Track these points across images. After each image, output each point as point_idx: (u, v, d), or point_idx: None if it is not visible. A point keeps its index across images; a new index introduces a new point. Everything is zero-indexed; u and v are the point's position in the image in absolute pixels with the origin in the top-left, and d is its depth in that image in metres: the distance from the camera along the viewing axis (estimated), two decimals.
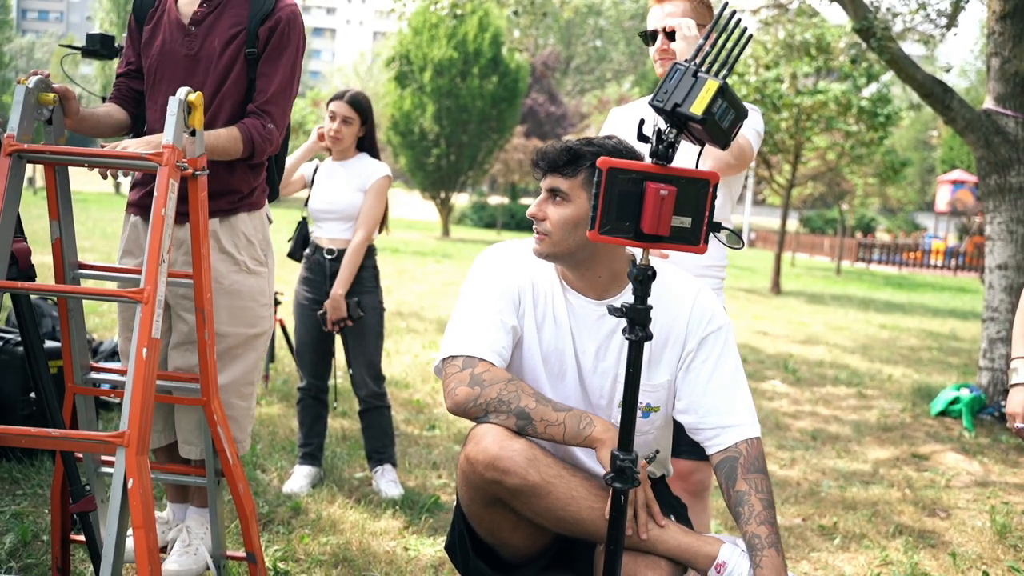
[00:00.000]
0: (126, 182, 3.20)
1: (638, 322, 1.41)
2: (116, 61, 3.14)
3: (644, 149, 1.56)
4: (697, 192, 1.38)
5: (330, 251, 3.31)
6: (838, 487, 3.89)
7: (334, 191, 3.31)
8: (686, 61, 1.33)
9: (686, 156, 1.94)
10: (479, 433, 1.65)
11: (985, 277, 5.50)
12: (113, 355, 3.98)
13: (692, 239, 1.39)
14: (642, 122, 1.36)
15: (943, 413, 5.38)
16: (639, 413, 1.79)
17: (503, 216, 31.32)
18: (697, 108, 1.29)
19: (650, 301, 1.43)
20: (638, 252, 1.85)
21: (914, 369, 7.33)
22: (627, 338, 1.42)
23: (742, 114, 1.35)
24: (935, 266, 24.84)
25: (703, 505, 2.49)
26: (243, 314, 2.32)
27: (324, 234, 3.34)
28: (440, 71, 25.18)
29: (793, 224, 26.10)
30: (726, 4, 1.30)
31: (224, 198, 2.26)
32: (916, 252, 25.45)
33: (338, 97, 3.27)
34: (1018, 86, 5.28)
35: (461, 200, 31.67)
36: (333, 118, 3.26)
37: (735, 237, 1.53)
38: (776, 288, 14.14)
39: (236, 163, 2.25)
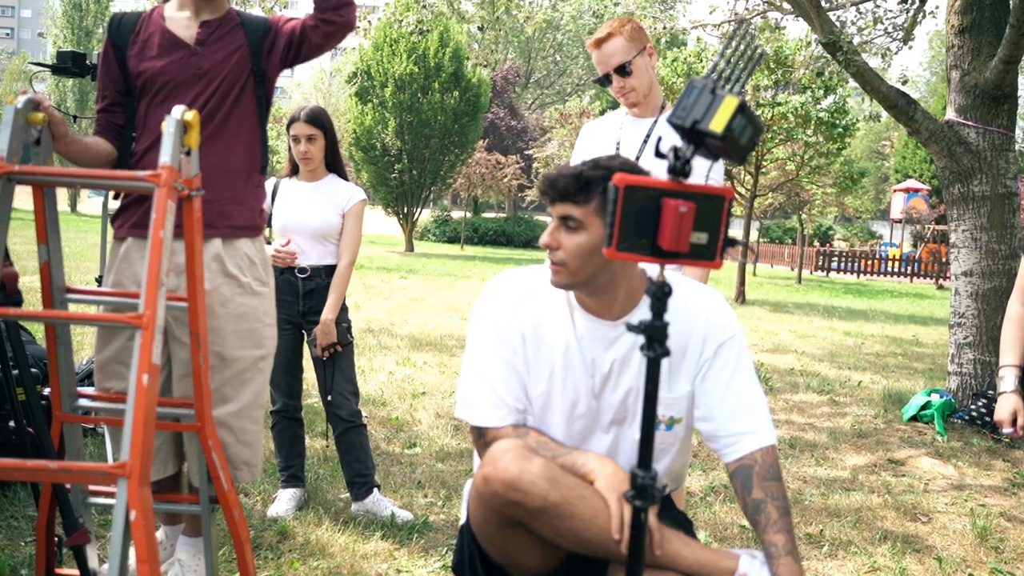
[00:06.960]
0: (95, 201, 3.14)
1: (656, 339, 1.40)
2: (86, 80, 3.07)
3: (656, 165, 1.56)
4: (713, 208, 1.38)
5: (302, 270, 3.26)
6: (820, 495, 3.92)
7: (308, 211, 3.27)
8: (703, 78, 1.33)
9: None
10: (496, 453, 1.62)
11: (951, 284, 5.61)
12: (86, 378, 3.87)
13: (708, 255, 1.39)
14: (659, 140, 1.35)
15: (914, 418, 5.47)
16: (662, 427, 1.78)
17: (466, 230, 31.28)
18: (717, 125, 1.29)
19: (666, 316, 1.42)
20: (651, 268, 1.85)
21: (882, 375, 7.45)
22: (645, 355, 1.41)
23: (759, 129, 1.36)
24: (892, 273, 25.38)
25: None
26: (251, 336, 2.26)
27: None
28: (401, 86, 25.17)
29: (754, 234, 26.48)
30: (742, 21, 1.31)
31: (228, 222, 2.23)
32: (874, 260, 25.98)
33: (296, 119, 3.25)
34: (978, 98, 5.40)
35: (424, 215, 31.59)
36: (298, 140, 3.25)
37: (747, 251, 1.54)
38: (741, 298, 14.30)
39: (241, 182, 2.24)
